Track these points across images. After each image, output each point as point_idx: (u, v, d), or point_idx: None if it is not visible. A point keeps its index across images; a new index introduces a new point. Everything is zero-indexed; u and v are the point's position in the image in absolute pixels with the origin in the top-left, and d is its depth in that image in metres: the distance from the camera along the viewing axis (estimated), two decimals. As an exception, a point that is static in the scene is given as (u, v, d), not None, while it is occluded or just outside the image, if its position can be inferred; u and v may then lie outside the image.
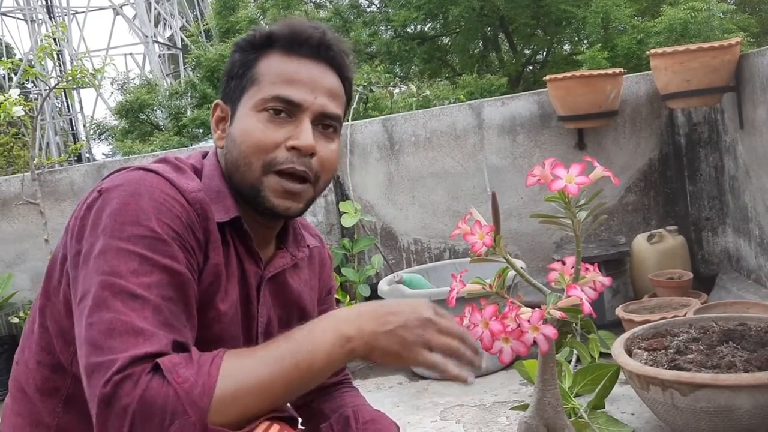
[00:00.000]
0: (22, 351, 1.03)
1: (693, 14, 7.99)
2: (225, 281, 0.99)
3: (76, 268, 0.91)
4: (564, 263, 1.41)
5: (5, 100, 3.19)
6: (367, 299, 3.31)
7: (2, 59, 4.34)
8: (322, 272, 1.23)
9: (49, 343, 0.99)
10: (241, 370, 0.84)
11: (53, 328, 0.98)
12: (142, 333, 0.82)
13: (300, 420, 0.97)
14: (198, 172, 1.03)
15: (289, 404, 1.10)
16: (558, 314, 1.28)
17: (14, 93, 3.32)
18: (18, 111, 3.21)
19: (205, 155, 1.08)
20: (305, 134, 0.99)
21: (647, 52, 3.06)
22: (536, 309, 1.26)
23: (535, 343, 1.25)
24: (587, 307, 1.28)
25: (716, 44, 2.76)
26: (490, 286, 1.38)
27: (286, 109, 0.99)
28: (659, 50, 2.91)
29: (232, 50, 1.06)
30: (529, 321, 1.24)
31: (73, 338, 0.94)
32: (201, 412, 0.79)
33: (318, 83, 1.01)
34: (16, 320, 3.44)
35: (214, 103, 1.07)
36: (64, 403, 0.99)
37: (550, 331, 1.24)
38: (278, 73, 1.00)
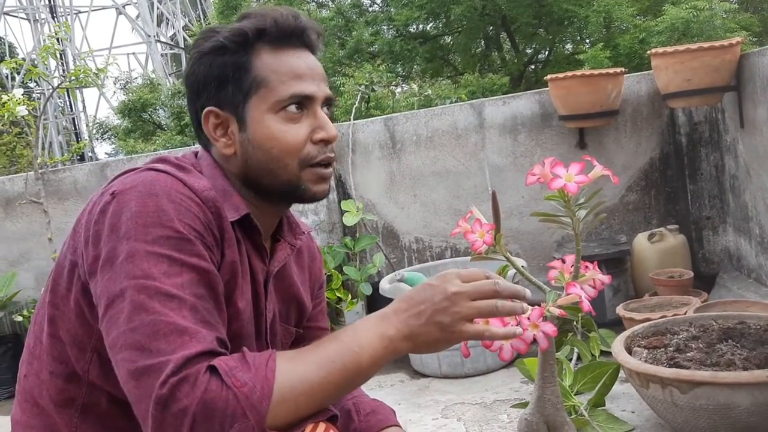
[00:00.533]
0: (30, 363, 1.02)
1: (695, 13, 7.98)
2: (240, 278, 1.00)
3: (95, 273, 0.90)
4: (564, 261, 1.42)
5: (9, 100, 3.21)
6: (368, 298, 3.32)
7: (6, 59, 4.36)
8: (312, 266, 1.24)
9: (62, 353, 0.98)
10: (296, 374, 0.86)
11: (66, 337, 0.97)
12: (187, 332, 0.84)
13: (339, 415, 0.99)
14: (200, 171, 1.03)
15: None
16: (557, 312, 1.28)
17: (18, 92, 3.34)
18: (21, 110, 3.23)
19: (196, 155, 1.07)
20: (329, 125, 1.02)
21: (648, 52, 3.06)
22: (536, 306, 1.27)
23: (535, 340, 1.26)
24: (586, 305, 1.29)
25: (717, 44, 2.77)
26: (491, 284, 1.39)
27: (299, 104, 1.01)
28: (660, 50, 2.92)
29: (212, 53, 1.02)
30: (528, 318, 1.25)
31: (86, 346, 0.95)
32: (260, 416, 0.81)
33: (315, 71, 1.04)
34: (19, 319, 3.45)
35: (205, 111, 1.02)
36: (80, 413, 0.98)
37: (550, 328, 1.25)
38: (284, 71, 1.01)
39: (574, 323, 2.57)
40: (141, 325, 0.83)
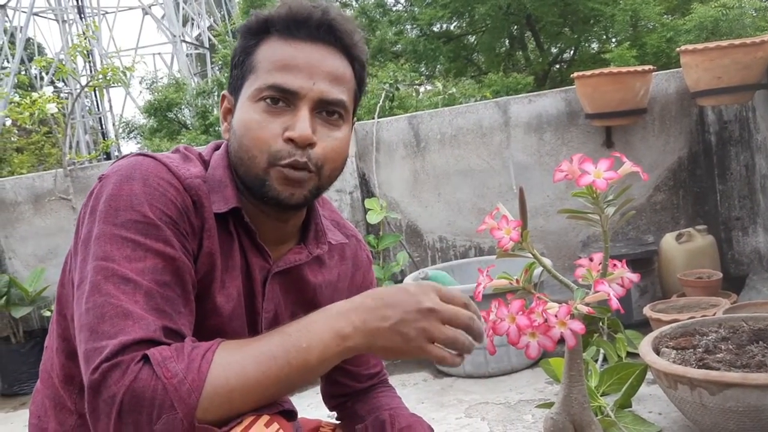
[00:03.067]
0: (49, 336, 1.06)
1: (724, 12, 7.84)
2: (221, 272, 0.97)
3: (76, 254, 0.92)
4: (592, 259, 1.40)
5: (39, 97, 3.26)
6: (392, 296, 3.31)
7: (36, 58, 4.43)
8: (355, 275, 1.18)
9: (65, 330, 1.00)
10: (232, 367, 0.82)
11: (68, 315, 0.99)
12: (131, 316, 0.82)
13: (298, 414, 0.93)
14: (206, 162, 1.02)
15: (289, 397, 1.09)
16: (585, 309, 1.27)
17: (48, 90, 3.39)
18: (52, 108, 3.28)
19: (217, 147, 1.06)
20: (301, 124, 0.93)
21: (677, 50, 3.02)
22: (563, 304, 1.26)
23: (562, 339, 1.24)
24: (615, 303, 1.27)
25: (748, 41, 2.72)
26: (517, 281, 1.38)
27: (282, 98, 0.95)
28: (689, 47, 2.88)
29: (238, 38, 1.02)
30: (556, 316, 1.24)
31: None
32: (188, 409, 0.78)
33: (317, 68, 0.95)
34: (48, 314, 3.50)
35: (221, 94, 1.03)
36: (79, 391, 0.99)
37: (578, 326, 1.23)
38: (274, 59, 0.96)
39: (600, 324, 2.54)
40: (93, 307, 0.83)
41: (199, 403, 0.79)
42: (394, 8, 12.43)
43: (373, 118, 3.60)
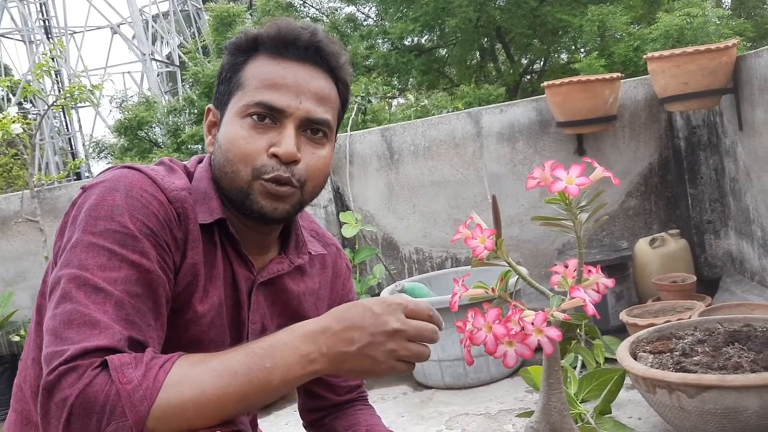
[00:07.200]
0: (25, 349, 1.05)
1: (689, 20, 7.99)
2: (204, 281, 0.97)
3: (56, 264, 0.91)
4: (567, 266, 1.39)
5: (3, 118, 3.20)
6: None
7: (0, 78, 4.36)
8: (335, 282, 1.19)
9: (43, 341, 0.99)
10: (189, 380, 0.81)
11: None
12: (98, 325, 0.82)
13: None
14: (190, 174, 1.02)
15: (247, 420, 1.08)
16: (561, 316, 1.26)
17: (12, 110, 3.32)
18: (16, 128, 3.22)
19: (201, 160, 1.07)
20: (286, 141, 0.96)
21: (644, 57, 3.06)
22: (540, 311, 1.25)
23: (539, 347, 1.23)
24: (591, 308, 1.26)
25: (713, 46, 2.76)
26: (493, 289, 1.37)
27: (269, 115, 0.97)
28: (656, 54, 2.91)
29: (225, 53, 1.04)
30: (533, 323, 1.23)
31: None
32: (139, 417, 0.77)
33: (304, 87, 0.98)
34: (16, 338, 3.42)
35: (206, 107, 1.05)
36: None
37: (554, 333, 1.22)
38: (263, 77, 0.98)
39: (578, 331, 2.54)
40: (62, 313, 0.83)
41: (151, 412, 0.78)
42: (364, 23, 12.49)
43: (346, 132, 3.59)
